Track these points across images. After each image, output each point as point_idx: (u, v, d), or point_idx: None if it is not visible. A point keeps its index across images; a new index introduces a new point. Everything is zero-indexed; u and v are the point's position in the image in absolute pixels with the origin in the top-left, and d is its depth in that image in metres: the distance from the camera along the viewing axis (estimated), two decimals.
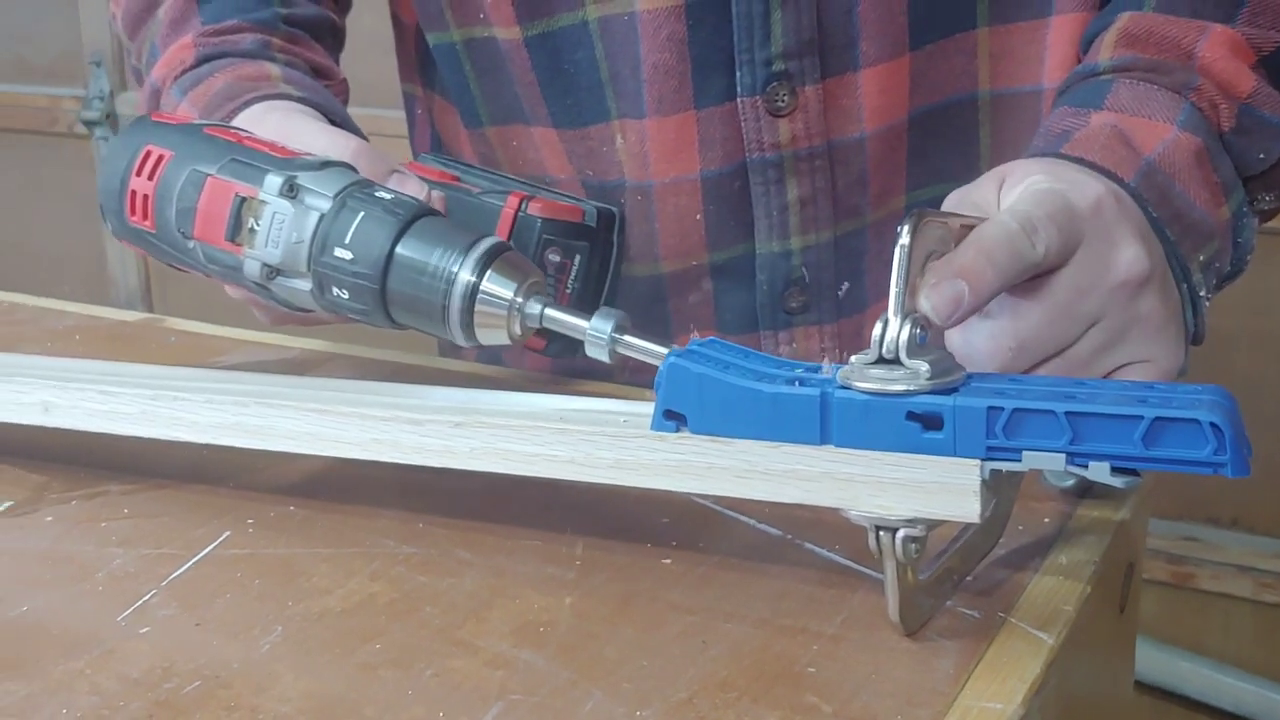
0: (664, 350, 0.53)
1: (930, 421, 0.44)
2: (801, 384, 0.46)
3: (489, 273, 0.56)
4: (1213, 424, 0.41)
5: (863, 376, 0.45)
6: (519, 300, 0.56)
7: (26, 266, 2.63)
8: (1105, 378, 0.53)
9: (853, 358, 0.46)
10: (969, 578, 0.51)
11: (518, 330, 0.57)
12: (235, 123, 0.66)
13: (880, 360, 0.45)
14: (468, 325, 0.57)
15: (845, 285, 0.72)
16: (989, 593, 0.50)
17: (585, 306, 0.72)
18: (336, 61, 0.80)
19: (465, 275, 0.56)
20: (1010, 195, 0.54)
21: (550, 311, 0.57)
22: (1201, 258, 0.58)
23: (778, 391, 0.45)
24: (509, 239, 0.68)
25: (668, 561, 0.53)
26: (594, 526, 0.55)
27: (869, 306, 0.73)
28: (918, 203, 0.72)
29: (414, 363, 0.78)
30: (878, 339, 0.45)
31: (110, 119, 2.44)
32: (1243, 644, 1.63)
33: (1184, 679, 1.60)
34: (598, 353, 0.56)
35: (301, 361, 0.77)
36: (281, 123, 0.65)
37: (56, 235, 2.59)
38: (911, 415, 0.44)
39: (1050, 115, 0.63)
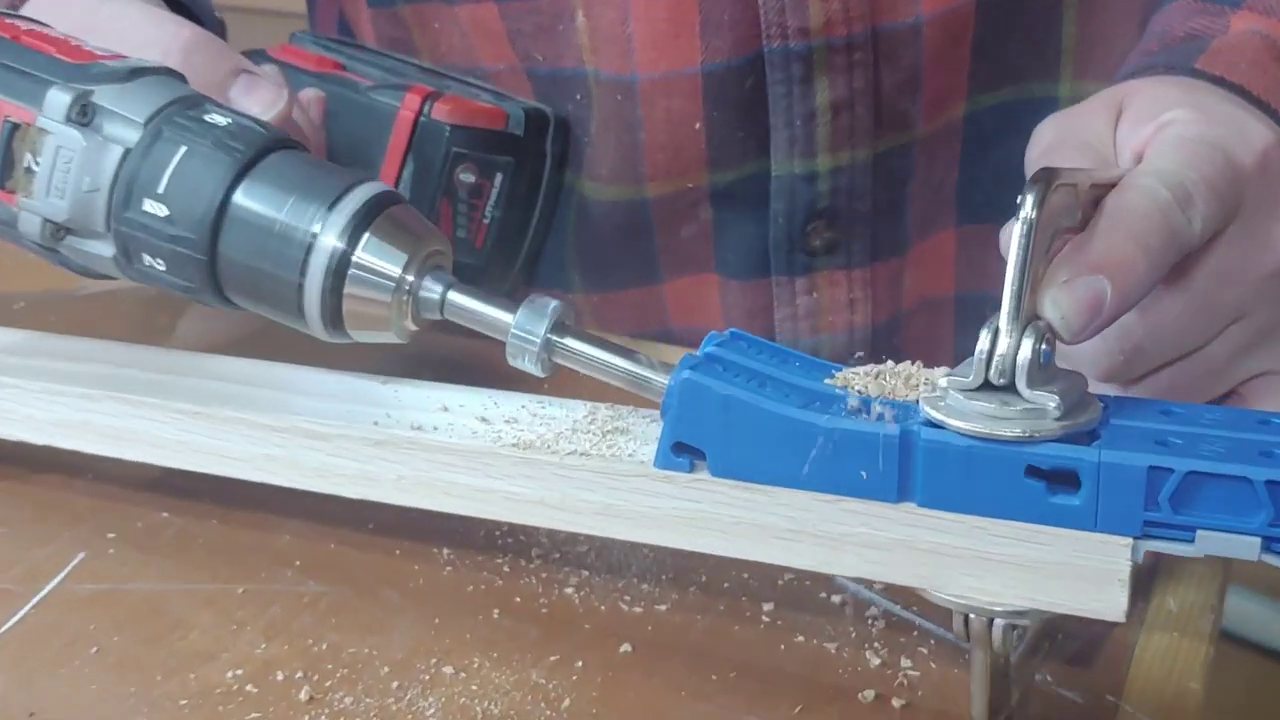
0: (634, 365, 0.38)
1: (1061, 479, 0.31)
2: (873, 415, 0.32)
3: (366, 236, 0.39)
4: None
5: (961, 410, 0.31)
6: (409, 279, 0.39)
7: None
8: (1235, 390, 0.40)
9: (942, 379, 0.32)
10: (1058, 635, 0.39)
11: (410, 324, 0.40)
12: (25, 10, 0.48)
13: (986, 386, 0.31)
14: (334, 315, 0.40)
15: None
16: (1087, 660, 0.39)
17: (507, 244, 0.56)
18: None
19: (330, 240, 0.39)
20: (1136, 135, 0.40)
21: (456, 296, 0.40)
22: None
23: (838, 426, 0.32)
24: (408, 151, 0.52)
25: (663, 608, 0.40)
26: (571, 559, 0.43)
27: (910, 248, 0.59)
28: (980, 113, 0.57)
29: None
30: (983, 356, 0.31)
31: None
32: None
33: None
34: (525, 363, 0.39)
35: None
36: (88, 7, 0.48)
37: None
38: (1033, 470, 0.31)
39: (1166, 8, 0.48)
